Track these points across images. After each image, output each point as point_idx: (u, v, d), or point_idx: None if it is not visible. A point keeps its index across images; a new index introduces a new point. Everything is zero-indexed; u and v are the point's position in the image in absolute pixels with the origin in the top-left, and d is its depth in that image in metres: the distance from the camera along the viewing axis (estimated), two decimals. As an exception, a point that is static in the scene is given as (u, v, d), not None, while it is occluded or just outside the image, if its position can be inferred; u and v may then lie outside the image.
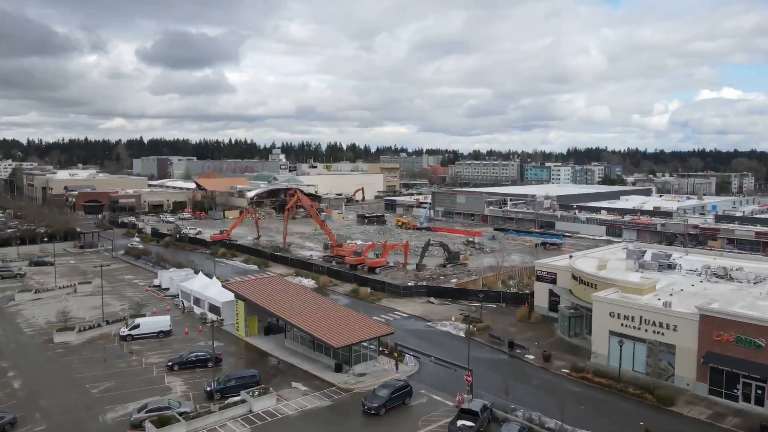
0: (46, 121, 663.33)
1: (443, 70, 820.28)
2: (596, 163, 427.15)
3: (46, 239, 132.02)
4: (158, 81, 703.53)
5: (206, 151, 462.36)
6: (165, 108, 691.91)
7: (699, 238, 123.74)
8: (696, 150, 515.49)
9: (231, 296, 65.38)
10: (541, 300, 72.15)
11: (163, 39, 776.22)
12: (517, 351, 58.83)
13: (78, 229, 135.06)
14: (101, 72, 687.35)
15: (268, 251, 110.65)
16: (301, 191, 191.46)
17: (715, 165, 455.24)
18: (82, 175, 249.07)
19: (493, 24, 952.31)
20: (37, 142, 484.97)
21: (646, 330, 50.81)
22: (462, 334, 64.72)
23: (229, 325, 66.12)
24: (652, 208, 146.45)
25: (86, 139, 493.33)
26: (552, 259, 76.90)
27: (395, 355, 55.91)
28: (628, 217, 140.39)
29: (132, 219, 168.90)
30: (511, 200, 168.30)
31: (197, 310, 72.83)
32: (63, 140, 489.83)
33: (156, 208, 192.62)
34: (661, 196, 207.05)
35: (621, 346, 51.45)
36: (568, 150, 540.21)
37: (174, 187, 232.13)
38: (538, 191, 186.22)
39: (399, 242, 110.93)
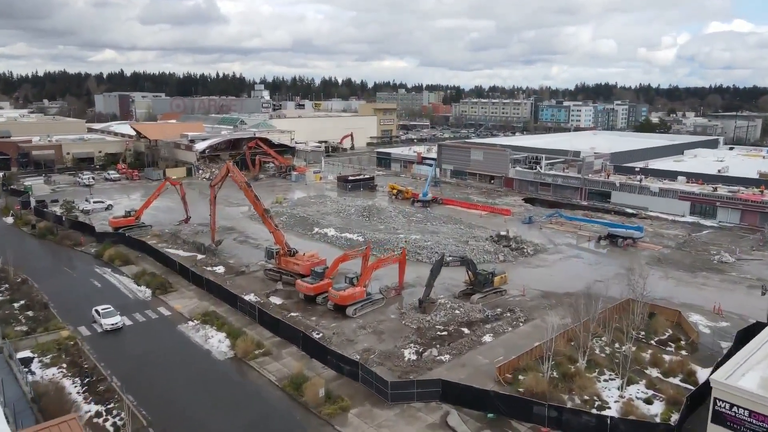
0: (36, 53, 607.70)
1: (445, 1, 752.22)
2: (619, 102, 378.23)
3: None
4: (147, 10, 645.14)
5: (191, 86, 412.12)
6: (156, 39, 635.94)
7: None
8: (713, 86, 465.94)
9: None
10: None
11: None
12: None
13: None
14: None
15: (177, 261, 67.58)
16: (268, 142, 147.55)
17: (739, 102, 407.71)
18: (5, 117, 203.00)
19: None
20: (7, 74, 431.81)
21: None
22: None
23: None
24: (758, 175, 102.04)
25: (64, 71, 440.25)
26: (742, 366, 33.34)
27: None
28: (723, 189, 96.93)
29: (39, 180, 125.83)
30: (546, 159, 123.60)
31: None
32: (36, 73, 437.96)
33: (83, 163, 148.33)
34: (731, 148, 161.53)
35: None
36: (576, 86, 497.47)
37: (117, 134, 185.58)
38: (579, 143, 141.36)
39: (391, 253, 68.32)
